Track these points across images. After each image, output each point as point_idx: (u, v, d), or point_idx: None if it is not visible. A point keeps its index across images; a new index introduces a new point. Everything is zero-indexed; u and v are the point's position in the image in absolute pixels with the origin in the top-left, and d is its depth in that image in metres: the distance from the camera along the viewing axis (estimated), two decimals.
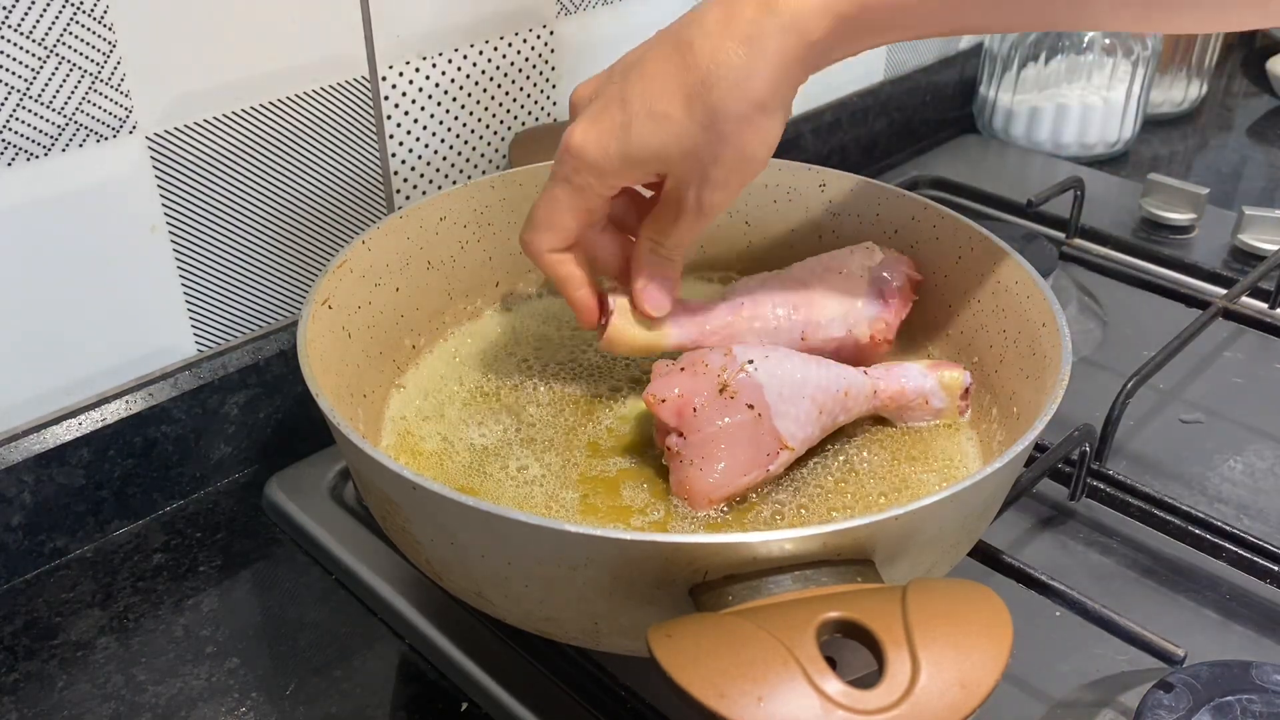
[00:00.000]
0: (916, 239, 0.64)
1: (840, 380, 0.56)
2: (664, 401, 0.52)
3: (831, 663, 0.36)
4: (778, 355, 0.55)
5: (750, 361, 0.53)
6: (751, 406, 0.52)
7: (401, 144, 0.73)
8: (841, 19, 0.46)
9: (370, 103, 0.70)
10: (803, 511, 0.53)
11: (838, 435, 0.57)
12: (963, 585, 0.40)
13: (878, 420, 0.59)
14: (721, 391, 0.52)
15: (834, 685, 0.35)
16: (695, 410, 0.52)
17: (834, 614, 0.37)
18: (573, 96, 0.54)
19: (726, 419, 0.52)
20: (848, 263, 0.62)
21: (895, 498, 0.54)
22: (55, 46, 0.56)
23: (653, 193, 0.58)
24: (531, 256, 0.55)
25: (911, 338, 0.64)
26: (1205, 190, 0.93)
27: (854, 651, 0.37)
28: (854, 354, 0.61)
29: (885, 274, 0.61)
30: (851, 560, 0.41)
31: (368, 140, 0.71)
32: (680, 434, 0.52)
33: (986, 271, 0.60)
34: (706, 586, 0.41)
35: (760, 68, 0.46)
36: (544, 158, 0.67)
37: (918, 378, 0.58)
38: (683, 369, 0.54)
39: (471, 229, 0.66)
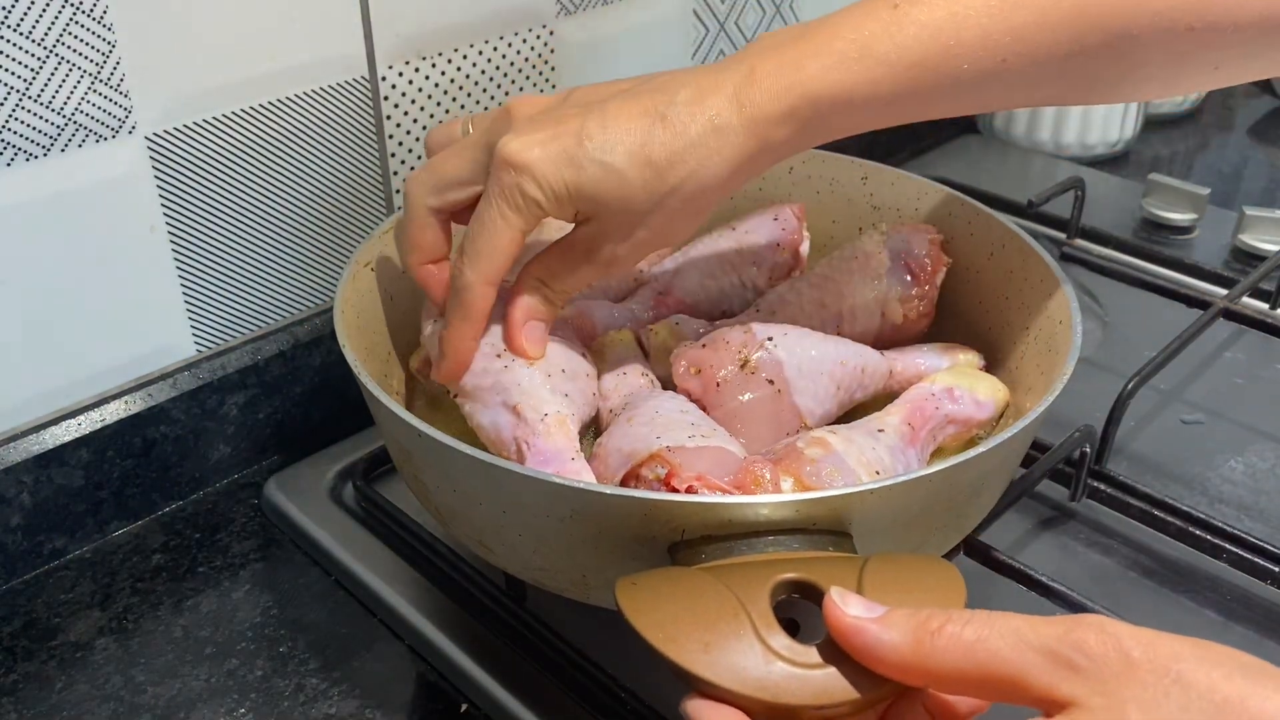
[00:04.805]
0: (953, 233, 0.65)
1: (857, 358, 0.57)
2: (689, 377, 0.53)
3: (795, 625, 0.38)
4: (796, 333, 0.56)
5: (770, 339, 0.54)
6: (771, 382, 0.53)
7: (401, 144, 0.73)
8: (803, 125, 0.47)
9: (370, 103, 0.70)
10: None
11: (854, 414, 0.58)
12: (924, 559, 0.41)
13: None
14: (742, 367, 0.53)
15: (779, 640, 0.36)
16: (718, 385, 0.53)
17: (790, 575, 0.39)
18: (510, 105, 0.51)
19: (748, 395, 0.53)
20: (865, 247, 0.62)
21: None
22: (55, 46, 0.56)
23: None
24: (466, 288, 0.50)
25: (941, 331, 0.64)
26: (1206, 190, 0.93)
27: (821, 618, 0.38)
28: (894, 337, 0.62)
29: (905, 247, 0.62)
30: (827, 531, 0.42)
31: (368, 140, 0.71)
32: (703, 409, 0.53)
33: (1016, 269, 0.61)
34: (684, 545, 0.42)
35: (719, 160, 0.47)
36: None
37: (932, 359, 0.59)
38: (704, 345, 0.54)
39: None
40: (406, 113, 0.72)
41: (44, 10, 0.55)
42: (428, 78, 0.72)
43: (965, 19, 0.46)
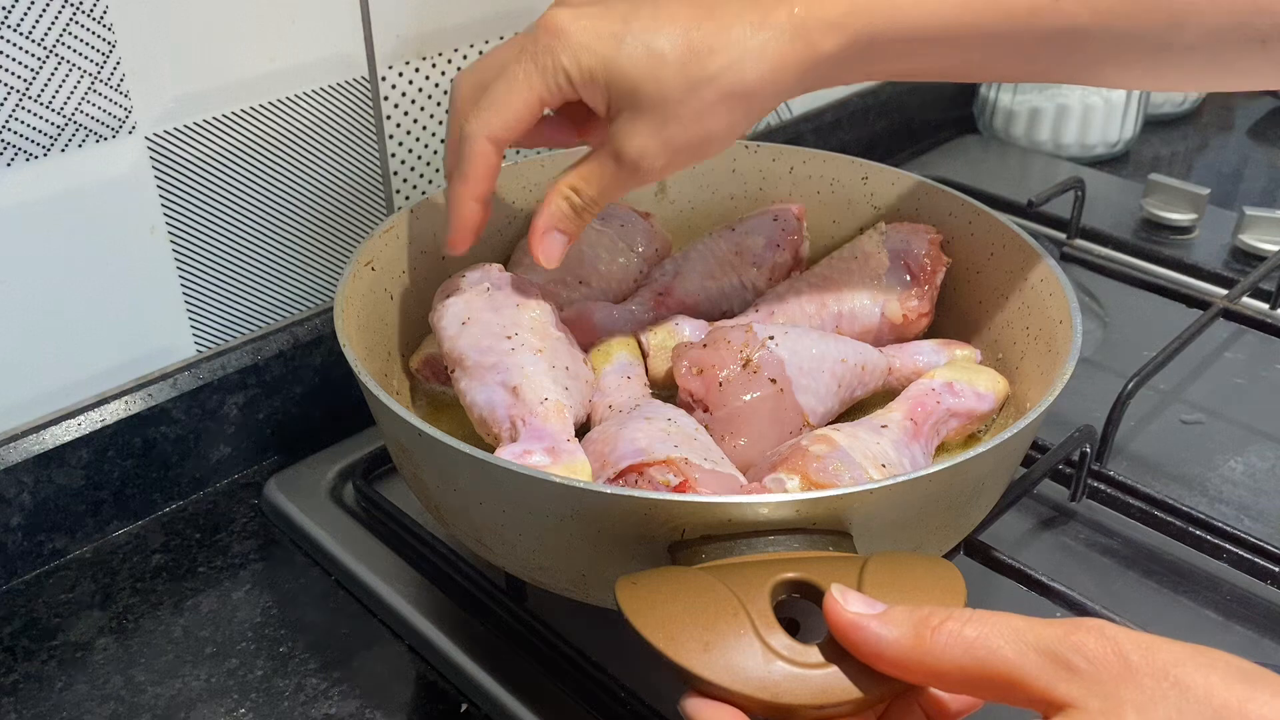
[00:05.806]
0: (953, 234, 0.65)
1: (858, 355, 0.57)
2: (691, 377, 0.53)
3: (795, 625, 0.38)
4: (796, 331, 0.56)
5: (771, 337, 0.54)
6: (774, 381, 0.53)
7: (401, 144, 0.73)
8: (853, 40, 0.47)
9: (370, 103, 0.70)
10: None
11: (854, 412, 0.58)
12: (924, 559, 0.41)
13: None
14: (744, 366, 0.53)
15: (779, 639, 0.36)
16: (721, 385, 0.53)
17: (790, 574, 0.39)
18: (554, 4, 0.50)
19: (750, 394, 0.53)
20: (864, 246, 0.63)
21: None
22: (55, 46, 0.56)
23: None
24: (468, 137, 0.49)
25: (941, 330, 0.65)
26: (1206, 190, 0.93)
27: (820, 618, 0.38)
28: (894, 336, 0.62)
29: (905, 247, 0.62)
30: (827, 530, 0.42)
31: (368, 140, 0.71)
32: (706, 409, 0.53)
33: (1015, 268, 0.61)
34: (684, 545, 0.42)
35: (759, 58, 0.47)
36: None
37: (930, 354, 0.60)
38: (705, 346, 0.55)
39: (519, 205, 0.68)
40: (406, 113, 0.72)
41: (44, 10, 0.55)
42: (428, 78, 0.72)
43: None
